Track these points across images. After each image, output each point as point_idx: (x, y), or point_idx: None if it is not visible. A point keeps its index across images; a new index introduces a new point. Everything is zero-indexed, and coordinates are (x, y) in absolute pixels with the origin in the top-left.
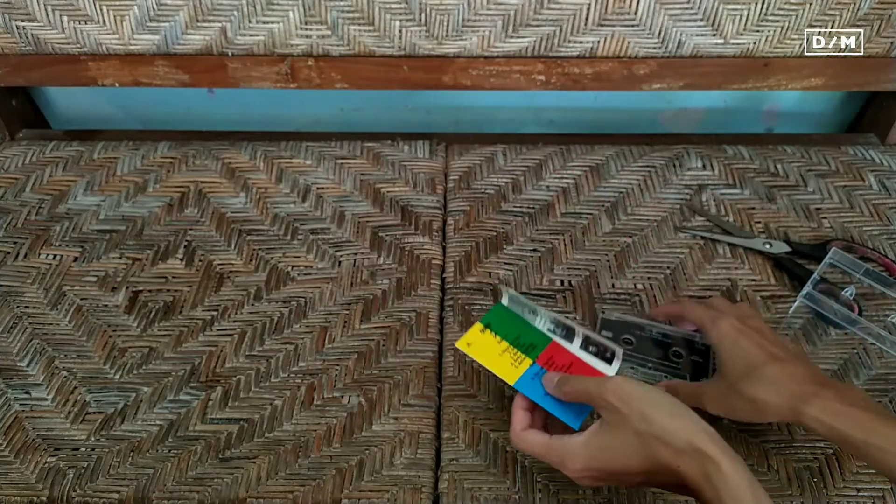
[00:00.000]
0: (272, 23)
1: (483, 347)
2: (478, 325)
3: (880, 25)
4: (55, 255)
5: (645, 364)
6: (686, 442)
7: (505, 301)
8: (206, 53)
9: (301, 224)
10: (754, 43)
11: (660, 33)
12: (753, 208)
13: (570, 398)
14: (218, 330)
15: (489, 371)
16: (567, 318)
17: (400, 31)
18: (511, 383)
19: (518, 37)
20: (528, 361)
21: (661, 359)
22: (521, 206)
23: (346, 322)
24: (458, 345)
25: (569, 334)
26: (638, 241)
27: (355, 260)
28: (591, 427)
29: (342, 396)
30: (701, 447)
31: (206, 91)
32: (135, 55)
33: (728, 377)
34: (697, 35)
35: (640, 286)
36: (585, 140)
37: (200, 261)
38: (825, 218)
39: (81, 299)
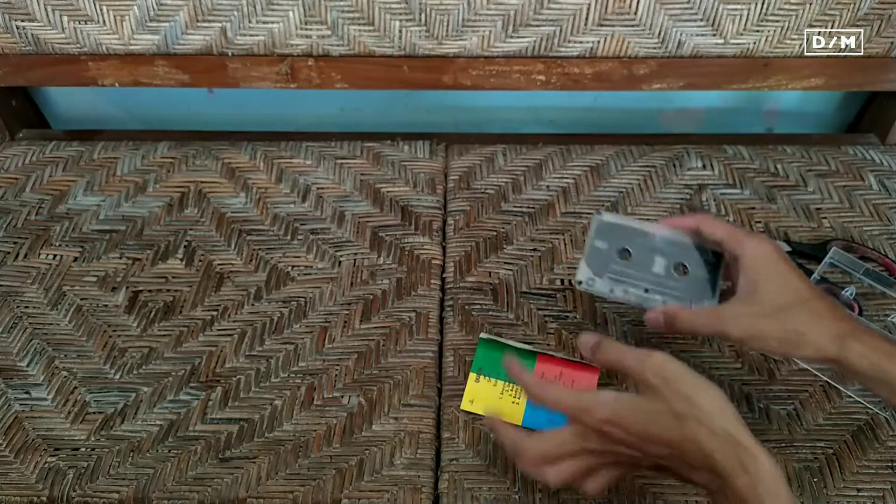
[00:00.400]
0: (272, 23)
1: (484, 398)
2: (472, 377)
3: (880, 25)
4: (55, 255)
5: (639, 285)
6: (725, 430)
7: None
8: (206, 53)
9: (301, 224)
10: (754, 43)
11: (660, 33)
12: (753, 208)
13: (603, 366)
14: (218, 330)
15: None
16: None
17: (400, 31)
18: (519, 423)
19: (518, 37)
20: (523, 402)
21: (661, 276)
22: (521, 206)
23: (346, 322)
24: (462, 408)
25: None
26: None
27: (355, 260)
28: (626, 393)
29: (342, 396)
30: (739, 437)
31: (206, 91)
32: (135, 55)
33: (764, 302)
34: (697, 35)
35: None
36: (585, 140)
37: (200, 261)
38: (825, 218)
39: (81, 299)
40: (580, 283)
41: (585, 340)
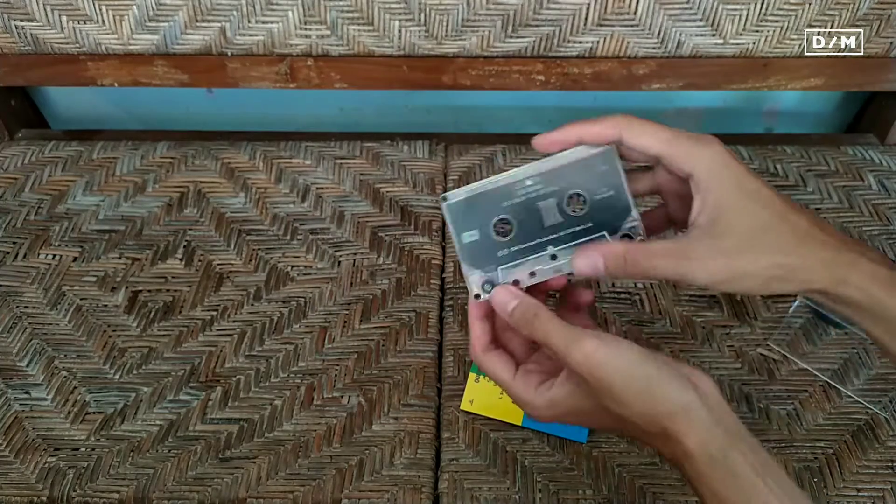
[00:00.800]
0: (272, 23)
1: (484, 398)
2: (472, 377)
3: (880, 25)
4: (55, 255)
5: (541, 255)
6: (660, 428)
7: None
8: (205, 53)
9: (301, 224)
10: (754, 43)
11: (659, 33)
12: None
13: (525, 335)
14: (218, 330)
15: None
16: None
17: (399, 31)
18: (519, 424)
19: (517, 37)
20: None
21: (560, 223)
22: None
23: (345, 322)
24: (462, 407)
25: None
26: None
27: (355, 260)
28: (557, 384)
29: (342, 396)
30: (676, 435)
31: (205, 91)
32: (134, 55)
33: (735, 230)
34: (697, 35)
35: (640, 285)
36: None
37: (200, 261)
38: (825, 218)
39: (81, 299)
40: (477, 297)
41: (501, 300)
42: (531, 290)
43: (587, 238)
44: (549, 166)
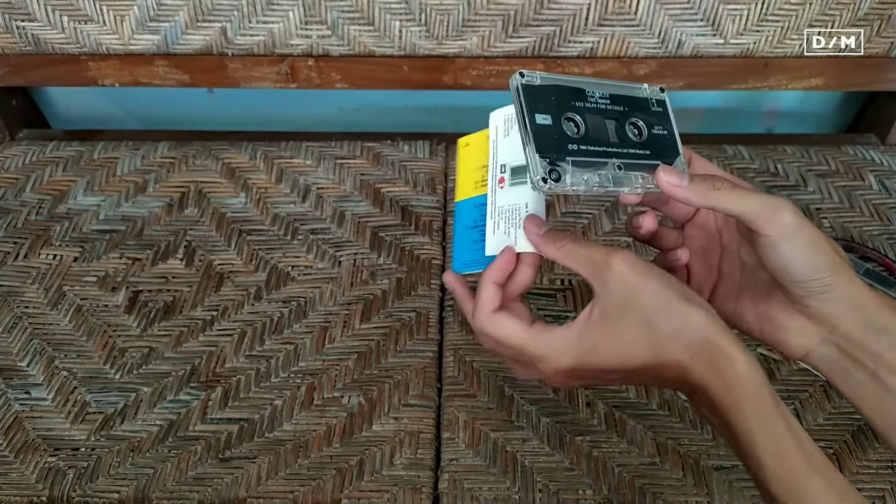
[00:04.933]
0: (272, 23)
1: (473, 155)
2: (486, 132)
3: (880, 25)
4: (55, 255)
5: (609, 163)
6: (702, 336)
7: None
8: (206, 53)
9: (301, 224)
10: (754, 43)
11: (660, 33)
12: None
13: (561, 260)
14: (218, 330)
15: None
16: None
17: (400, 31)
18: (455, 200)
19: (518, 37)
20: (484, 189)
21: (619, 143)
22: None
23: (346, 322)
24: (459, 141)
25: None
26: (638, 241)
27: (355, 260)
28: (584, 314)
29: (342, 396)
30: (716, 341)
31: (206, 91)
32: (135, 55)
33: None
34: (697, 35)
35: None
36: None
37: (200, 261)
38: (825, 218)
39: (81, 299)
40: (543, 181)
41: (533, 225)
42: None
43: (644, 162)
44: (616, 89)
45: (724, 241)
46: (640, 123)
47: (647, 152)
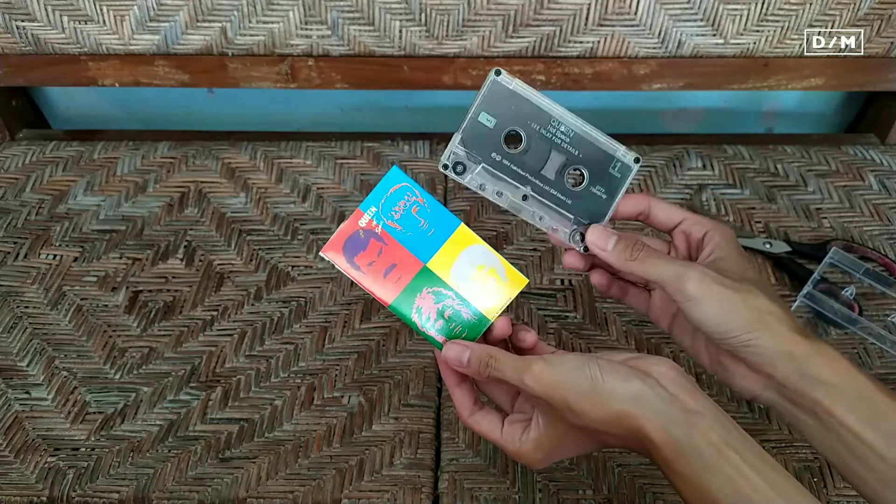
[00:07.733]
0: (272, 23)
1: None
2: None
3: (880, 25)
4: (55, 255)
5: (519, 188)
6: (622, 426)
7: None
8: (206, 53)
9: (301, 224)
10: (754, 43)
11: (660, 33)
12: (753, 208)
13: (482, 377)
14: (218, 330)
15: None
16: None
17: (400, 31)
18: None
19: (518, 37)
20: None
21: (550, 180)
22: None
23: (346, 322)
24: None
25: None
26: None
27: None
28: (534, 424)
29: (342, 396)
30: (636, 427)
31: (206, 91)
32: (135, 55)
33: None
34: (697, 35)
35: None
36: None
37: (200, 261)
38: (825, 218)
39: (81, 299)
40: (445, 167)
41: (454, 354)
42: (486, 341)
43: (557, 209)
44: (586, 133)
45: None
46: (584, 175)
47: (569, 202)
